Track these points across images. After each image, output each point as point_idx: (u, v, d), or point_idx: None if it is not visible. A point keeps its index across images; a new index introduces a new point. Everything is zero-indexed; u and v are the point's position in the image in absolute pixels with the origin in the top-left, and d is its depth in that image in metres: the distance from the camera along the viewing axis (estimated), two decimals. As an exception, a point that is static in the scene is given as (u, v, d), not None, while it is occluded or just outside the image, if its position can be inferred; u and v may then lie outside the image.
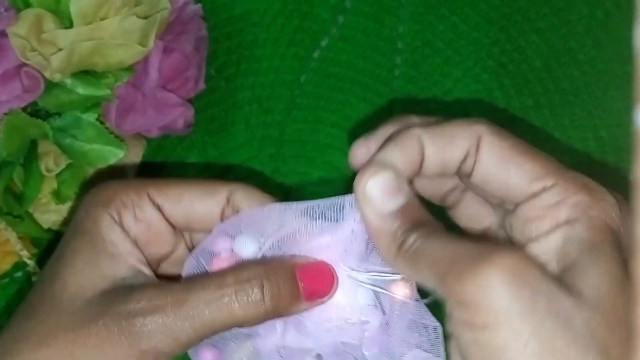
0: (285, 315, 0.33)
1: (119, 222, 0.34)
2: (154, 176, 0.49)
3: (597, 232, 0.28)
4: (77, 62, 0.42)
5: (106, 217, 0.34)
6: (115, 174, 0.46)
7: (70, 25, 0.42)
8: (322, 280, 0.33)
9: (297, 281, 0.33)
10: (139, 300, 0.32)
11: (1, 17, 0.41)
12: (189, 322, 0.31)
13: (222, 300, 0.32)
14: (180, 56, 0.45)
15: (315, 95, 0.50)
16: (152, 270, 0.35)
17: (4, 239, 0.45)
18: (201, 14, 0.48)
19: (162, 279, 0.35)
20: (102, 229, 0.33)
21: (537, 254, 0.29)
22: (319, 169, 0.49)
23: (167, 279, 0.35)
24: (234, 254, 0.34)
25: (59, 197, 0.44)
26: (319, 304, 0.33)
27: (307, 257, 0.33)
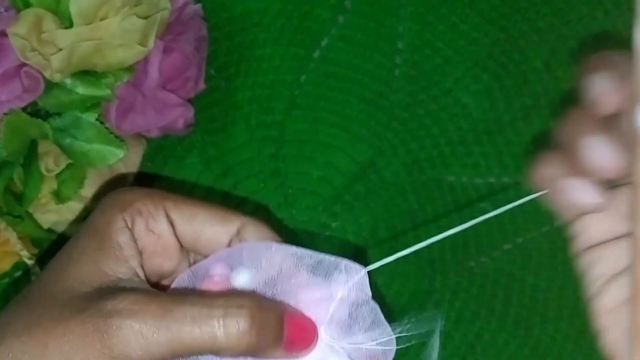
0: (260, 356, 0.32)
1: (130, 228, 0.34)
2: (155, 176, 0.49)
3: None
4: (77, 62, 0.42)
5: (120, 220, 0.33)
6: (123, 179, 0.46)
7: (70, 25, 0.42)
8: (306, 334, 0.33)
9: (284, 326, 0.32)
10: (122, 300, 0.31)
11: (1, 17, 0.41)
12: (167, 336, 0.30)
13: (208, 321, 0.30)
14: (180, 56, 0.45)
15: (315, 95, 0.50)
16: (151, 281, 0.35)
17: (4, 239, 0.45)
18: (201, 14, 0.48)
19: (157, 288, 0.34)
20: (113, 230, 0.33)
21: None
22: (319, 169, 0.49)
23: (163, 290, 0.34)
24: (228, 281, 0.33)
25: (59, 197, 0.44)
26: (293, 358, 0.33)
27: (296, 308, 0.33)
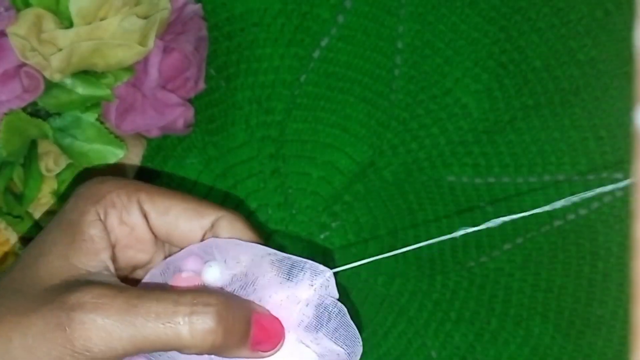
0: (226, 355, 0.32)
1: (103, 220, 0.34)
2: (154, 175, 0.49)
3: None
4: (77, 62, 0.42)
5: (92, 212, 0.33)
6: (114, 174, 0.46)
7: (70, 25, 0.42)
8: (272, 334, 0.33)
9: (250, 326, 0.32)
10: (87, 293, 0.30)
11: (1, 16, 0.41)
12: (130, 332, 0.30)
13: (173, 317, 0.30)
14: (180, 56, 0.45)
15: (315, 95, 0.50)
16: (125, 273, 0.35)
17: (4, 238, 0.45)
18: (201, 14, 0.48)
19: (129, 282, 0.34)
20: (85, 222, 0.33)
21: None
22: (319, 169, 0.49)
23: (135, 284, 0.34)
24: (198, 277, 0.33)
25: (59, 197, 0.44)
26: (258, 358, 0.33)
27: (264, 307, 0.33)
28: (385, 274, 0.48)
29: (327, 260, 0.48)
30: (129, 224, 0.34)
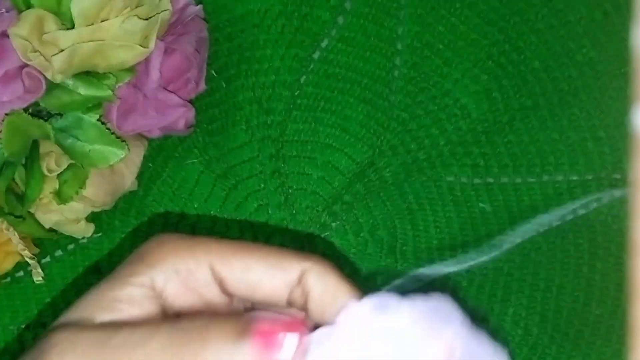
0: None
1: (156, 286, 0.31)
2: (155, 176, 0.49)
3: None
4: (78, 63, 0.42)
5: (144, 275, 0.31)
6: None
7: (71, 26, 0.42)
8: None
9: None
10: (60, 332, 0.29)
11: (2, 17, 0.41)
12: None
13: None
14: (181, 57, 0.45)
15: (315, 96, 0.50)
16: None
17: (6, 239, 0.45)
18: (202, 15, 0.48)
19: None
20: (129, 283, 0.31)
21: None
22: (319, 169, 0.49)
23: None
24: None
25: (61, 197, 0.44)
26: None
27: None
28: (383, 274, 0.48)
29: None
30: (198, 291, 0.31)
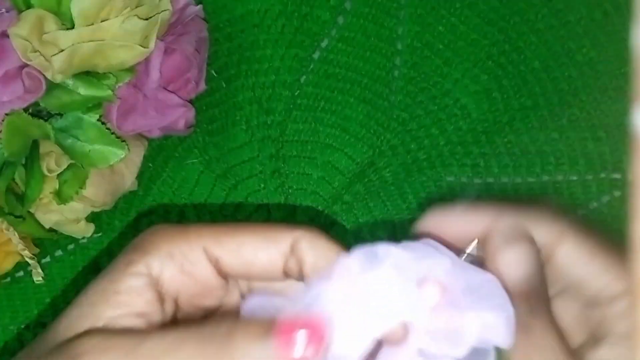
0: None
1: (152, 273, 0.31)
2: (155, 176, 0.50)
3: None
4: (78, 63, 0.42)
5: (140, 263, 0.31)
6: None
7: (71, 26, 0.42)
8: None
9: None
10: (90, 339, 0.29)
11: (2, 17, 0.41)
12: None
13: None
14: (181, 57, 0.45)
15: (315, 96, 0.50)
16: (196, 318, 0.33)
17: (6, 239, 0.45)
18: (202, 15, 0.48)
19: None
20: (128, 273, 0.31)
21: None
22: (319, 169, 0.49)
23: None
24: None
25: (61, 197, 0.45)
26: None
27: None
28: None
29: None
30: (193, 274, 0.32)
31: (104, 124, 0.44)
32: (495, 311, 0.30)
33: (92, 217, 0.47)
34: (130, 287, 0.31)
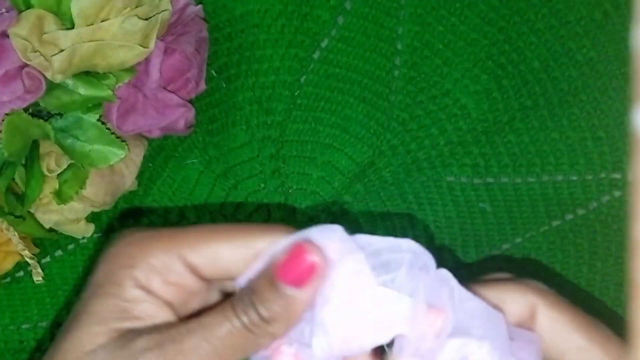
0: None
1: (143, 285, 0.32)
2: (155, 176, 0.50)
3: None
4: (78, 63, 0.42)
5: (130, 279, 0.32)
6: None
7: (71, 26, 0.42)
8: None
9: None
10: (149, 339, 0.30)
11: (2, 17, 0.42)
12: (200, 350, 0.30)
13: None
14: (181, 57, 0.45)
15: (315, 96, 0.50)
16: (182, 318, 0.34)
17: (6, 239, 0.45)
18: (202, 15, 0.48)
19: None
20: (124, 291, 0.32)
21: None
22: (319, 169, 0.49)
23: None
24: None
25: (61, 197, 0.45)
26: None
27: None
28: None
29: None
30: (177, 284, 0.32)
31: (104, 124, 0.44)
32: (481, 340, 0.31)
33: (92, 217, 0.47)
34: (132, 298, 0.31)
